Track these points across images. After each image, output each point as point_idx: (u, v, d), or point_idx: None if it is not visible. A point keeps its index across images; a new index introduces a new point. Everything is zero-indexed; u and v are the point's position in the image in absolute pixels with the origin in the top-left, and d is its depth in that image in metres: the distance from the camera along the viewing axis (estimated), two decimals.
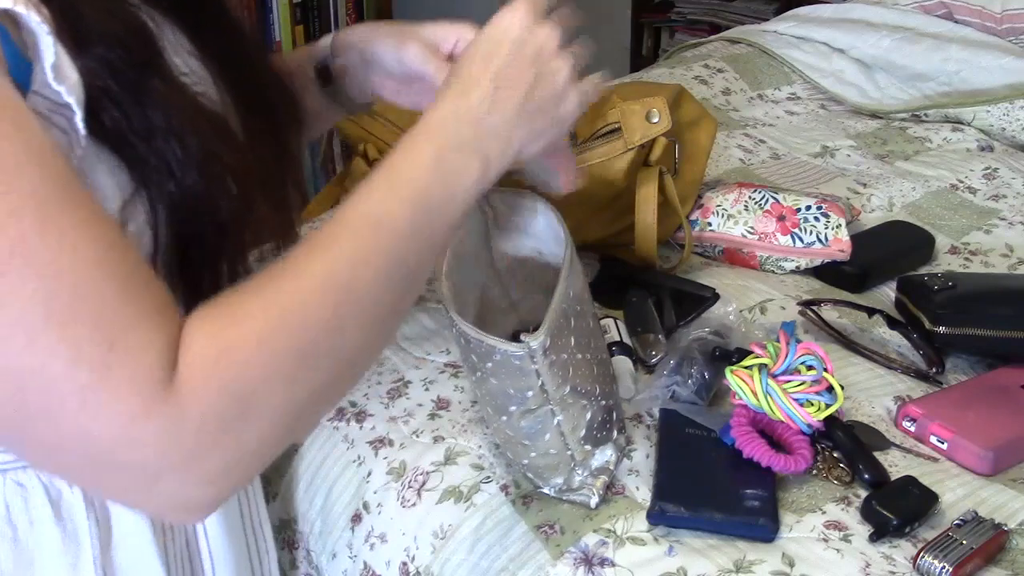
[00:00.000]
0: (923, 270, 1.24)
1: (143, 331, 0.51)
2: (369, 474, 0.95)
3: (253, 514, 0.85)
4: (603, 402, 0.86)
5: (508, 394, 0.81)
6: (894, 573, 0.79)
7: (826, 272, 1.21)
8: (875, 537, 0.82)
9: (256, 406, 0.54)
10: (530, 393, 0.80)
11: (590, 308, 0.87)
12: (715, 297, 1.07)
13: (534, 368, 0.78)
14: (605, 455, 0.87)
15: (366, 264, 0.59)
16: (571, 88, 0.71)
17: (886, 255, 1.24)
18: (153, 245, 0.61)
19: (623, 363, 1.00)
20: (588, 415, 0.84)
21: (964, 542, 0.80)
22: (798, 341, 0.90)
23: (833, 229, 1.20)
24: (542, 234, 0.87)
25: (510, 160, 0.69)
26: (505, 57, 0.69)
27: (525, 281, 0.95)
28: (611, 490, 0.87)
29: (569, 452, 0.84)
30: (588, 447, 0.86)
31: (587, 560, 0.82)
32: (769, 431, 0.90)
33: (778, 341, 0.91)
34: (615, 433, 0.88)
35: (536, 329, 0.78)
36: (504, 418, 0.83)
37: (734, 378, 0.90)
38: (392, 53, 0.83)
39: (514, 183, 0.88)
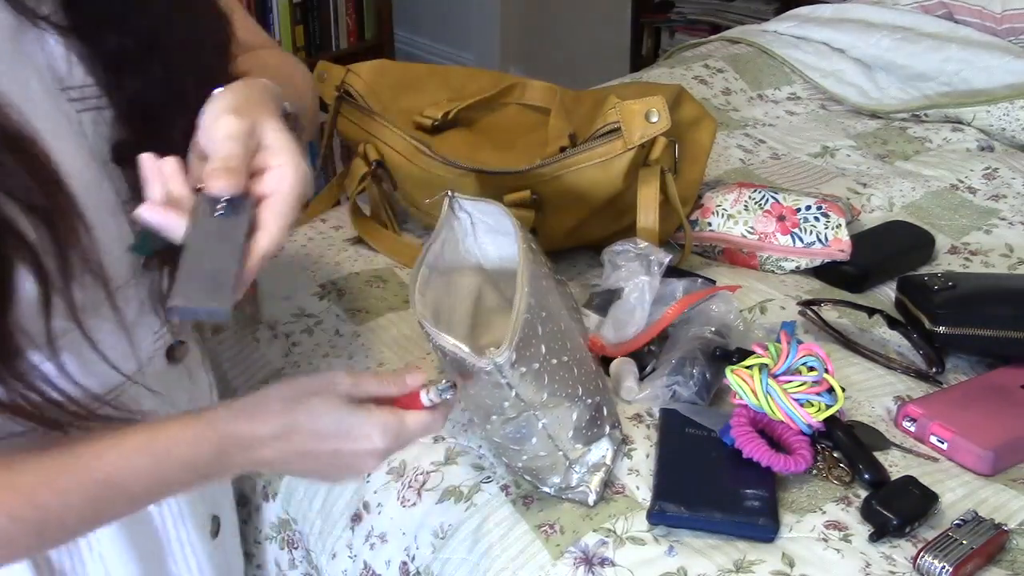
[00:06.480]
0: (923, 270, 1.24)
1: None
2: (369, 474, 0.95)
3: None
4: (589, 400, 0.86)
5: (487, 404, 0.81)
6: (894, 573, 0.79)
7: (826, 272, 1.21)
8: (875, 537, 0.82)
9: None
10: (506, 403, 0.80)
11: (561, 310, 0.86)
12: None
13: (504, 381, 0.77)
14: (600, 451, 0.87)
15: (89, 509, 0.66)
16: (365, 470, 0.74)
17: (886, 255, 1.24)
18: None
19: (626, 364, 0.99)
20: (574, 415, 0.84)
21: (964, 542, 0.80)
22: (799, 342, 0.90)
23: (833, 229, 1.20)
24: (516, 234, 0.87)
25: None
26: (320, 450, 0.70)
27: (514, 279, 0.95)
28: (611, 489, 0.87)
29: (561, 452, 0.84)
30: (580, 446, 0.85)
31: (587, 560, 0.82)
32: (769, 431, 0.90)
33: (779, 341, 0.91)
34: (607, 428, 0.88)
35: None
36: (489, 426, 0.83)
37: (734, 378, 0.90)
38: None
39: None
